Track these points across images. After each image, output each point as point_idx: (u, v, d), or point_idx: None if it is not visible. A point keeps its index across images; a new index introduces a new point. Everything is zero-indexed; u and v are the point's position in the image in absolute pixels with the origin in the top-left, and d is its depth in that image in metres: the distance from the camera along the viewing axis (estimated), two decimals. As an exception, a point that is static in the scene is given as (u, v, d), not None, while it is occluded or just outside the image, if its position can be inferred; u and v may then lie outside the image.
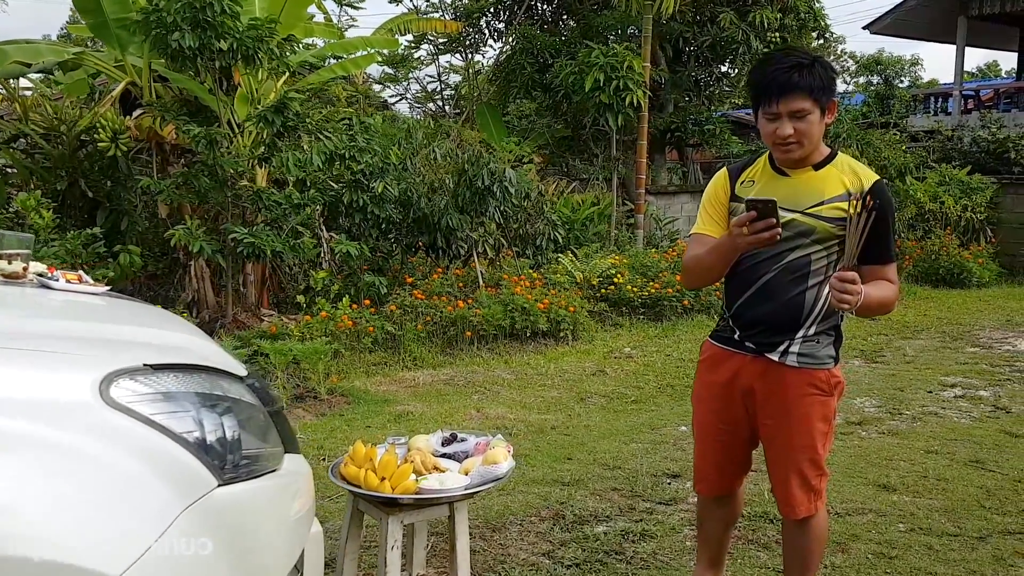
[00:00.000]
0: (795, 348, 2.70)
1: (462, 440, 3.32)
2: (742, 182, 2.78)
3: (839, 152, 2.75)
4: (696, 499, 3.30)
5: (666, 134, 17.50)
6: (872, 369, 7.73)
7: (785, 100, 2.54)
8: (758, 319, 2.73)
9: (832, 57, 36.66)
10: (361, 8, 19.68)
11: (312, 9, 14.77)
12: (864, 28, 26.71)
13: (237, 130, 8.28)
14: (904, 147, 15.48)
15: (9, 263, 2.18)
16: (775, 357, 2.71)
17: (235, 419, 1.93)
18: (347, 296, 7.68)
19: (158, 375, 1.74)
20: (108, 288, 2.41)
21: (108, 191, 9.17)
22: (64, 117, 9.08)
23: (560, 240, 10.30)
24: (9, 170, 9.17)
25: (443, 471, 3.08)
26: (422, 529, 3.36)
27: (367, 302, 7.98)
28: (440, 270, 9.05)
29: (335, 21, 15.61)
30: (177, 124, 7.69)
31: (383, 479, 2.90)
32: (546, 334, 8.41)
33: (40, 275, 2.23)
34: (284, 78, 9.34)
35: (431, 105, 19.20)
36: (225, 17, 7.31)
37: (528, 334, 8.28)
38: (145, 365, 1.72)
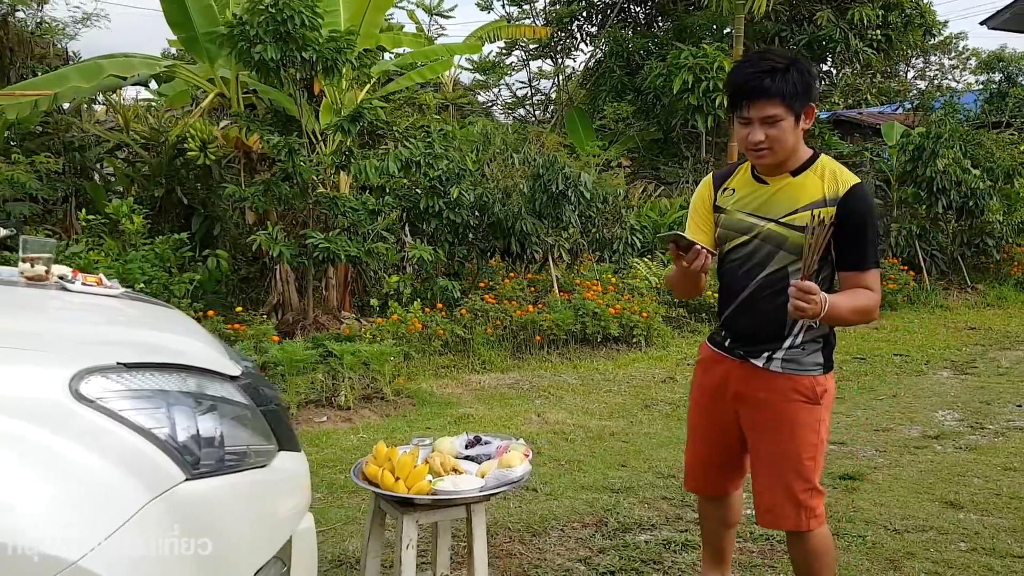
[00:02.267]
0: (779, 355, 2.68)
1: (485, 443, 3.34)
2: (723, 190, 2.77)
3: (822, 154, 2.67)
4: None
5: (761, 135, 17.08)
6: (960, 381, 7.35)
7: (756, 105, 2.50)
8: (743, 330, 2.76)
9: (952, 54, 35.02)
10: (451, 17, 20.01)
11: (404, 19, 15.10)
12: (981, 24, 25.37)
13: (319, 138, 8.55)
14: (1023, 148, 14.63)
15: (32, 266, 2.34)
16: (759, 363, 2.71)
17: (218, 417, 2.01)
18: (418, 300, 7.82)
19: (132, 373, 1.83)
20: (125, 290, 2.55)
21: (203, 198, 9.62)
22: (162, 127, 9.59)
23: (639, 244, 10.20)
24: (111, 177, 9.73)
25: (462, 473, 3.11)
26: (445, 530, 3.39)
27: (440, 306, 8.10)
28: (513, 275, 9.11)
29: (426, 30, 15.93)
30: (261, 133, 8.00)
31: (398, 479, 2.95)
32: (618, 340, 8.35)
33: (61, 277, 2.39)
34: (368, 87, 9.59)
35: (521, 111, 19.34)
36: (305, 30, 7.56)
37: (599, 339, 8.24)
38: (119, 363, 1.82)
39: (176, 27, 8.54)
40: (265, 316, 7.90)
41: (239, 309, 7.90)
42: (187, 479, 1.83)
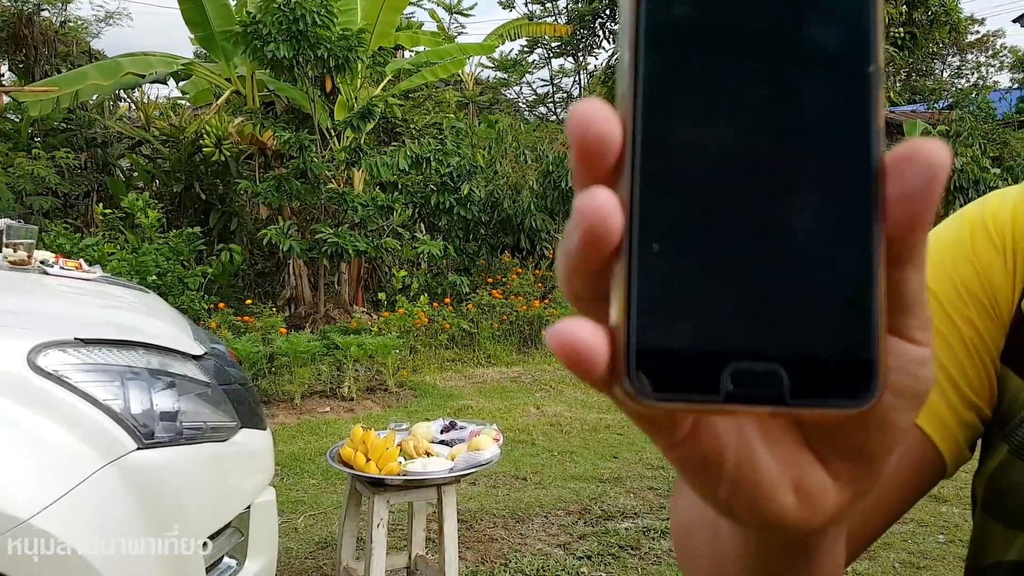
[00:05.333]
0: None
1: (460, 428, 3.45)
2: None
3: None
4: None
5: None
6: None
7: None
8: None
9: (990, 52, 34.59)
10: (470, 15, 20.15)
11: (424, 17, 15.27)
12: (1014, 21, 25.06)
13: (333, 135, 8.71)
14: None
15: (15, 251, 2.49)
16: None
17: (177, 392, 2.14)
18: (425, 294, 7.95)
19: (88, 348, 1.96)
20: (102, 274, 2.70)
21: (220, 193, 9.83)
22: (182, 124, 9.81)
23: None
24: (133, 173, 9.97)
25: (434, 456, 3.22)
26: (420, 511, 3.50)
27: (447, 300, 8.23)
28: (520, 270, 9.21)
29: (447, 29, 16.07)
30: (273, 130, 8.17)
31: (370, 460, 3.07)
32: (625, 335, 8.42)
33: (42, 262, 2.53)
34: (383, 84, 9.73)
35: (543, 108, 19.41)
36: (318, 28, 7.72)
37: (605, 335, 8.31)
38: (76, 339, 1.95)
39: (193, 26, 8.75)
40: (275, 309, 8.08)
41: (249, 302, 8.09)
42: (139, 448, 1.95)
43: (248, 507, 2.31)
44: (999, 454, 0.69)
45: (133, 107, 11.02)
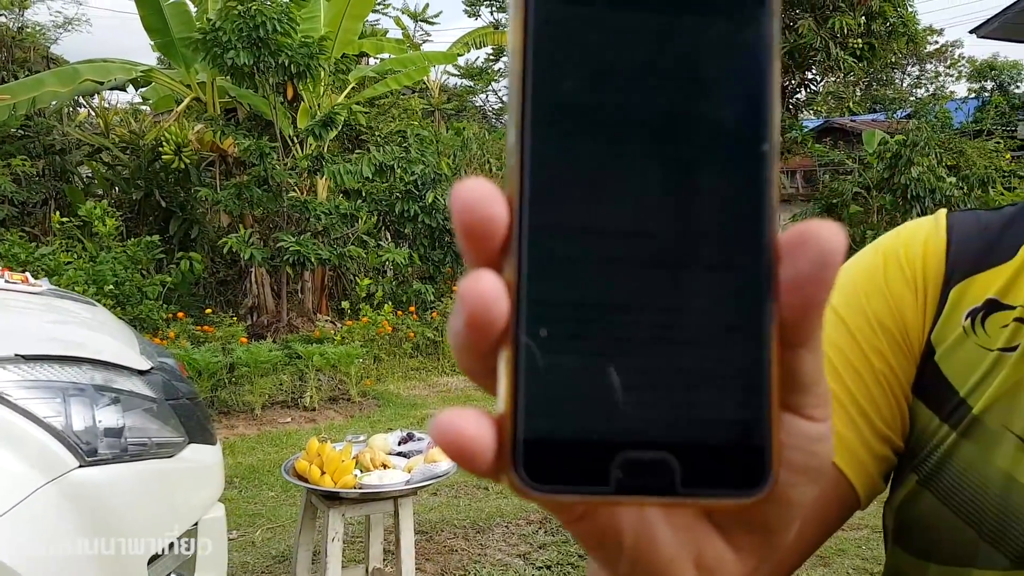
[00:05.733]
0: None
1: (418, 440, 3.44)
2: (995, 311, 0.67)
3: None
4: None
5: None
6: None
7: None
8: None
9: (948, 62, 35.23)
10: (435, 23, 20.17)
11: (390, 24, 15.26)
12: (971, 32, 25.51)
13: (295, 143, 8.66)
14: (1008, 156, 14.77)
15: (-43, 264, 2.44)
16: None
17: (121, 408, 2.11)
18: (389, 303, 7.92)
19: (30, 364, 1.93)
20: (49, 287, 2.65)
21: (181, 201, 9.72)
22: (142, 131, 9.70)
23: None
24: (91, 180, 9.84)
25: (390, 468, 3.20)
26: (377, 524, 3.49)
27: (412, 309, 8.21)
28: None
29: (412, 36, 16.06)
30: (234, 137, 8.10)
31: (325, 473, 3.04)
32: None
33: (-13, 275, 2.49)
34: (346, 92, 9.70)
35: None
36: (277, 35, 7.67)
37: (569, 343, 8.34)
38: (17, 355, 1.92)
39: (153, 33, 8.66)
40: (236, 318, 8.00)
41: (209, 311, 8.00)
42: (81, 465, 1.92)
43: (196, 523, 2.28)
44: (908, 484, 0.70)
45: (92, 113, 10.87)
